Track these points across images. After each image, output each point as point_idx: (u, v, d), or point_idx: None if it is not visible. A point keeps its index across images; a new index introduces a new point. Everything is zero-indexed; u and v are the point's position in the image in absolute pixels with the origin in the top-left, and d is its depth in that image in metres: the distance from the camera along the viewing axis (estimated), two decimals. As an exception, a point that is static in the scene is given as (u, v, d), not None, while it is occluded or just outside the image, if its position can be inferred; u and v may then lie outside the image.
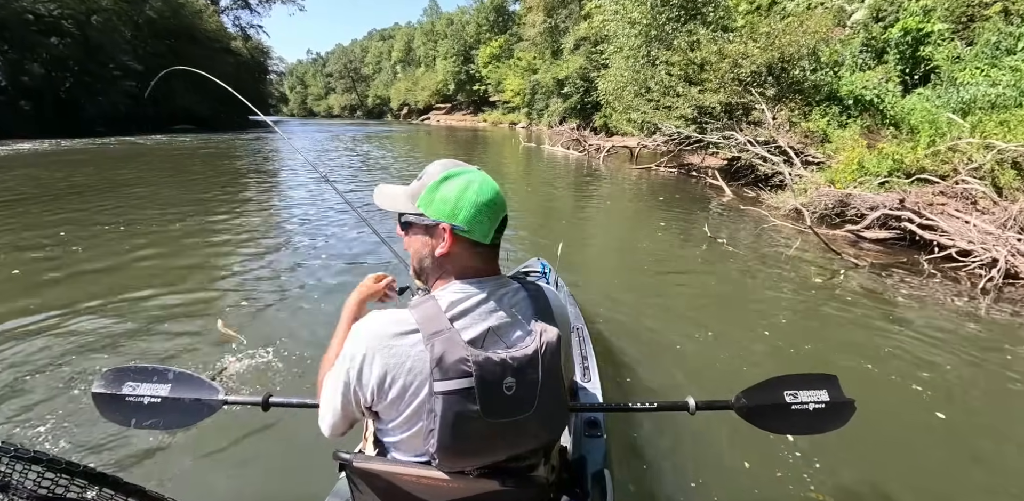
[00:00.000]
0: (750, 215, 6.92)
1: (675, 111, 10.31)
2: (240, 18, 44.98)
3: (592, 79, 23.94)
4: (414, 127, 47.09)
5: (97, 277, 4.13)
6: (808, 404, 1.19)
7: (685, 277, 4.55)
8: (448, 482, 0.87)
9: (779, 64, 9.09)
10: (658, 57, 12.88)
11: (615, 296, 3.92)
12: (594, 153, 15.70)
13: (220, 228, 5.88)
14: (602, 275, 4.72)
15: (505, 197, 0.90)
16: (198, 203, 7.37)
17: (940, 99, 7.80)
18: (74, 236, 5.25)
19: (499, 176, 11.23)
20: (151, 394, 1.20)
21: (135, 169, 11.43)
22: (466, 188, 0.87)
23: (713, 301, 3.95)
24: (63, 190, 8.13)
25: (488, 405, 0.81)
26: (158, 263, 4.52)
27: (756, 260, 4.90)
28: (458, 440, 0.82)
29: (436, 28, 66.35)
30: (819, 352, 3.09)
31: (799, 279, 4.35)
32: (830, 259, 4.85)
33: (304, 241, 5.40)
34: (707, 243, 5.44)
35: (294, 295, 3.82)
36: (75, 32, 25.20)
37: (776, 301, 3.89)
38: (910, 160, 5.80)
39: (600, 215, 7.59)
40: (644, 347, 3.07)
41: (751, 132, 8.77)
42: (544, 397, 0.84)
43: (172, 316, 3.35)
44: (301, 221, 6.38)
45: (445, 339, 0.81)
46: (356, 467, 0.91)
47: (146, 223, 5.95)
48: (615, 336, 3.18)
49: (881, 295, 3.99)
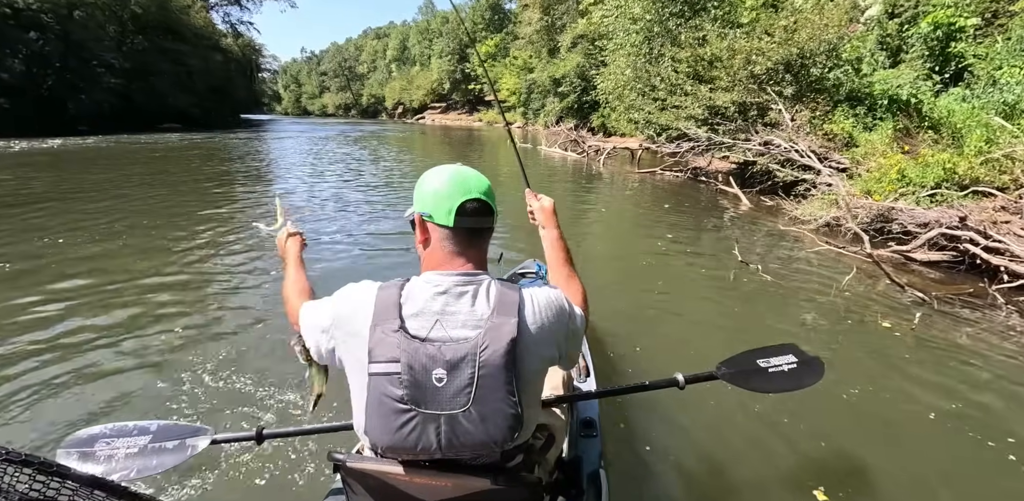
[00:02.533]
0: (777, 230, 6.15)
1: (684, 111, 9.52)
2: (230, 14, 44.01)
3: (590, 77, 23.23)
4: (408, 127, 46.18)
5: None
6: (782, 366, 1.39)
7: (710, 305, 3.77)
8: (440, 482, 0.87)
9: (798, 60, 8.31)
10: (663, 53, 12.08)
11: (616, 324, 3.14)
12: (593, 155, 14.91)
13: (172, 248, 5.06)
14: (608, 300, 3.93)
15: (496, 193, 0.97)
16: (155, 214, 6.54)
17: (978, 100, 7.05)
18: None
19: (493, 179, 10.45)
20: (127, 446, 1.16)
21: (101, 171, 10.56)
22: (432, 177, 0.96)
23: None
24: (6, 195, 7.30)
25: (415, 393, 0.82)
26: (80, 290, 3.71)
27: (798, 292, 4.08)
28: (385, 424, 0.84)
29: (431, 26, 65.53)
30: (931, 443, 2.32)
31: (861, 320, 3.50)
32: (890, 293, 3.98)
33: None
34: (735, 267, 4.65)
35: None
36: (55, 27, 24.28)
37: (841, 355, 3.10)
38: (964, 169, 5.04)
39: (601, 223, 6.81)
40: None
41: (767, 134, 8.00)
42: (482, 395, 0.82)
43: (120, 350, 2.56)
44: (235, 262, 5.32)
45: (387, 324, 0.85)
46: (350, 467, 0.91)
47: (82, 240, 5.13)
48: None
49: (965, 345, 3.20)
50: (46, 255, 4.61)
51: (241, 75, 42.53)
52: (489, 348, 0.82)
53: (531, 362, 0.88)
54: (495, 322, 0.85)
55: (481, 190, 0.94)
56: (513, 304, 0.88)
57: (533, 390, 0.95)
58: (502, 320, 0.85)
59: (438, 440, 0.84)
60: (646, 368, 2.86)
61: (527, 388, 0.89)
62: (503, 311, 0.87)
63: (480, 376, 0.82)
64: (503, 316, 0.86)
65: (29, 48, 23.61)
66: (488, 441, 0.85)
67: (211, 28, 37.06)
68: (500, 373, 0.82)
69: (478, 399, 0.82)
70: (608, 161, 14.16)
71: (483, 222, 0.95)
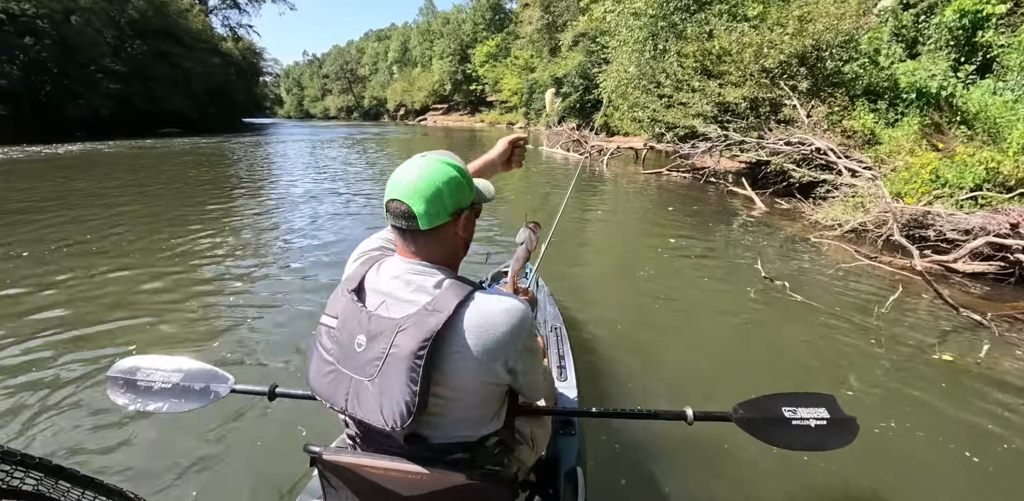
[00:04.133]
0: (798, 236, 5.65)
1: (692, 108, 8.99)
2: (229, 18, 43.85)
3: (592, 76, 22.74)
4: (410, 128, 45.72)
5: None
6: (809, 420, 1.17)
7: (733, 324, 3.28)
8: (415, 475, 0.88)
9: (813, 52, 7.78)
10: (668, 49, 11.55)
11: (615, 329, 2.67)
12: (596, 155, 14.40)
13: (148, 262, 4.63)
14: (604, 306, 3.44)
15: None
16: (136, 226, 6.11)
17: (1012, 92, 6.52)
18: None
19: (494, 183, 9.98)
20: (163, 380, 1.29)
21: (88, 180, 10.17)
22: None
23: (782, 382, 2.68)
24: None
25: (338, 351, 0.90)
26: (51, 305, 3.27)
27: (833, 314, 3.54)
28: (316, 370, 0.94)
29: (432, 27, 65.27)
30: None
31: (917, 352, 2.96)
32: (941, 314, 3.44)
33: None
34: (757, 282, 4.15)
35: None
36: (52, 32, 24.07)
37: (895, 400, 2.60)
38: (1009, 168, 4.52)
39: (604, 228, 6.33)
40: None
41: (782, 132, 7.48)
42: (387, 372, 0.85)
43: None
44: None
45: (348, 284, 0.94)
46: (326, 460, 0.93)
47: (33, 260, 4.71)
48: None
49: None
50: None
51: (241, 78, 42.32)
52: (407, 332, 0.84)
53: (463, 364, 0.86)
54: (425, 311, 0.85)
55: (406, 191, 0.90)
56: (451, 301, 0.86)
57: (469, 395, 0.90)
58: (432, 312, 0.85)
59: (345, 400, 0.90)
60: (649, 391, 2.60)
61: (456, 386, 0.87)
62: (438, 306, 0.86)
63: (390, 354, 0.84)
64: (435, 310, 0.85)
65: (26, 54, 23.39)
66: (380, 416, 0.86)
67: (209, 32, 36.82)
68: (408, 358, 0.83)
69: (383, 374, 0.85)
70: (612, 162, 13.65)
71: (404, 223, 0.91)
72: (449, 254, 0.96)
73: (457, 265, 1.00)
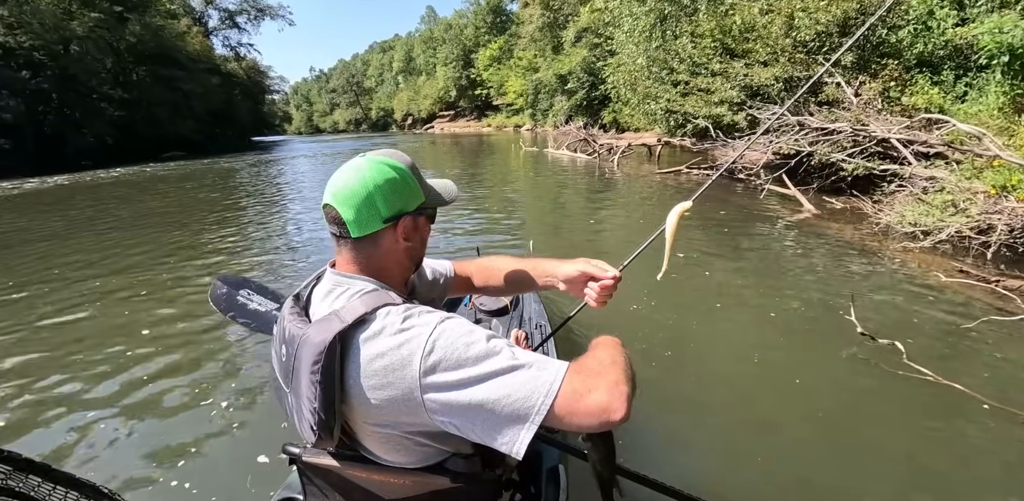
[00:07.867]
0: (877, 252, 4.40)
1: (714, 94, 7.72)
2: (230, 38, 43.85)
3: (597, 71, 21.57)
4: (418, 137, 45.00)
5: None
6: None
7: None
8: (395, 477, 0.85)
9: (859, 18, 6.48)
10: (679, 30, 10.29)
11: None
12: (605, 155, 13.19)
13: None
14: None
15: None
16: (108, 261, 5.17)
17: None
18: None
19: (488, 192, 8.92)
20: (259, 302, 1.35)
21: (55, 216, 9.40)
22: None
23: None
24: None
25: (274, 360, 0.87)
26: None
27: (973, 396, 2.37)
28: (273, 381, 0.89)
29: (435, 35, 64.86)
30: None
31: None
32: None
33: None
34: (849, 338, 2.93)
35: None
36: (51, 63, 23.91)
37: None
38: None
39: (616, 246, 5.17)
40: None
41: (826, 116, 6.20)
42: (296, 385, 0.78)
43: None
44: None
45: (293, 299, 0.88)
46: (306, 461, 0.90)
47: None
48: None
49: None
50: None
51: (247, 97, 42.23)
52: (304, 345, 0.75)
53: (367, 391, 0.73)
54: (323, 321, 0.76)
55: (337, 196, 0.81)
56: (352, 314, 0.75)
57: (392, 435, 0.79)
58: (328, 323, 0.75)
59: (287, 409, 0.86)
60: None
61: (369, 417, 0.77)
62: (341, 316, 0.76)
63: (294, 367, 0.78)
64: (335, 320, 0.75)
65: (26, 87, 23.22)
66: (301, 430, 0.81)
67: (208, 52, 36.70)
68: (306, 372, 0.74)
69: (294, 387, 0.79)
70: (623, 161, 12.41)
71: (336, 230, 0.83)
72: (385, 265, 0.86)
73: (400, 278, 0.89)
